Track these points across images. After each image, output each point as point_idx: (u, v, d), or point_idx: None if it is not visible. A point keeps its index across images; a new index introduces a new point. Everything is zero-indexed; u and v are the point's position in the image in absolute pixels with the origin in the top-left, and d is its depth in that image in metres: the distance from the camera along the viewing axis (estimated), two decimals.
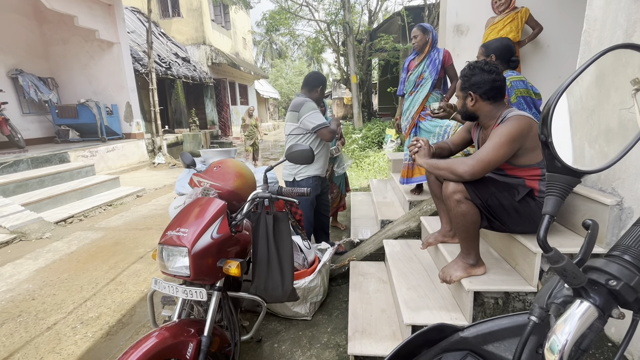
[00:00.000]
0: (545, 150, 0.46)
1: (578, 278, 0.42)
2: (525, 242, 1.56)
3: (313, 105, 2.40)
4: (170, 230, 1.30)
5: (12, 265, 3.23)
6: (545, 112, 0.46)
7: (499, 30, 3.12)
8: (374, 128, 8.66)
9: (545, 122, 0.45)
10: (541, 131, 0.46)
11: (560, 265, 0.42)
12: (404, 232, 2.62)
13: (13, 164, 5.24)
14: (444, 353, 0.61)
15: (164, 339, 1.16)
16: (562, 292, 0.46)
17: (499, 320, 0.58)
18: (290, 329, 2.17)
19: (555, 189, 0.46)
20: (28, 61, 7.55)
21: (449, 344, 0.60)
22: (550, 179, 0.47)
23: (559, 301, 0.45)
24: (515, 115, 1.46)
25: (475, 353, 0.58)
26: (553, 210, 0.45)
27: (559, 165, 0.45)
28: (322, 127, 2.36)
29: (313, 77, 2.58)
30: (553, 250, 0.42)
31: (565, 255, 0.43)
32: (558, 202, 0.45)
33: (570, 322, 0.43)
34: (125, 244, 3.67)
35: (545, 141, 0.45)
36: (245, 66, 16.31)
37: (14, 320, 2.37)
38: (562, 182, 0.45)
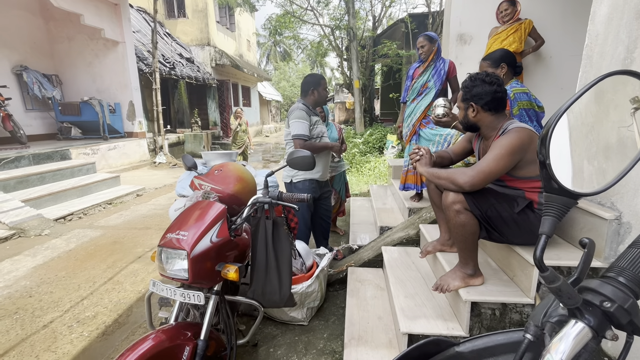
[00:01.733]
0: (542, 171, 0.47)
1: (573, 299, 0.43)
2: (524, 254, 1.57)
3: (299, 114, 2.40)
4: (170, 233, 1.30)
5: (10, 262, 3.23)
6: (544, 132, 0.46)
7: (502, 40, 3.14)
8: (376, 133, 8.68)
9: (544, 143, 0.46)
10: (539, 151, 0.46)
11: (555, 286, 0.42)
12: (402, 239, 2.62)
13: (15, 160, 5.25)
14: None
15: (161, 342, 1.17)
16: (558, 312, 0.47)
17: (494, 336, 0.58)
18: (287, 333, 2.16)
19: (552, 210, 0.46)
20: (33, 58, 7.59)
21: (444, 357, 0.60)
22: (548, 199, 0.47)
23: (554, 320, 0.46)
24: (517, 127, 1.47)
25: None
26: (549, 230, 0.46)
27: (555, 186, 0.46)
28: (297, 138, 2.39)
29: (305, 82, 2.56)
30: (549, 270, 0.43)
31: (560, 275, 0.43)
32: (554, 222, 0.46)
33: (565, 342, 0.43)
34: (124, 243, 3.67)
35: (543, 162, 0.46)
36: (248, 68, 16.38)
37: (11, 317, 2.37)
38: (558, 203, 0.46)
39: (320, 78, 2.56)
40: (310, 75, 2.59)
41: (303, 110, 2.43)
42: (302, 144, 2.38)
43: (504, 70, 2.13)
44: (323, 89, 2.54)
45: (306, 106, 2.52)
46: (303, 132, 2.40)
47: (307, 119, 2.43)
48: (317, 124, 2.54)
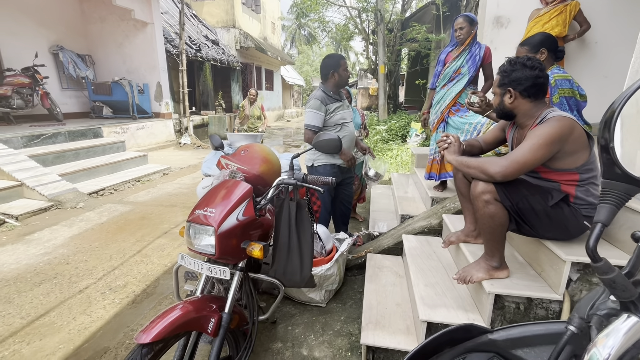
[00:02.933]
0: (604, 155, 0.43)
1: (628, 291, 0.40)
2: (555, 249, 1.50)
3: (313, 104, 2.39)
4: (198, 209, 1.34)
5: (50, 231, 3.46)
6: (608, 115, 0.43)
7: (544, 23, 2.93)
8: (399, 121, 8.47)
9: (608, 126, 0.42)
10: (602, 135, 0.43)
11: (609, 277, 0.40)
12: (424, 228, 2.58)
13: (52, 136, 5.54)
14: (469, 353, 0.60)
15: (188, 312, 1.22)
16: (607, 304, 0.44)
17: (531, 326, 0.57)
18: (305, 313, 2.21)
19: (611, 197, 0.43)
20: (68, 38, 7.86)
21: (475, 344, 0.59)
22: (606, 186, 0.44)
23: (603, 313, 0.44)
24: (557, 115, 1.39)
25: (501, 356, 0.57)
26: (607, 219, 0.43)
27: (618, 172, 0.43)
28: (307, 128, 2.40)
29: (324, 64, 2.46)
30: (603, 260, 0.40)
31: (615, 267, 0.41)
32: (613, 210, 0.43)
33: (614, 336, 0.41)
34: (151, 219, 3.84)
35: (606, 146, 0.42)
36: (272, 51, 16.28)
37: (50, 281, 2.55)
38: (619, 190, 0.43)
39: (339, 58, 2.45)
40: (328, 57, 2.46)
41: (318, 100, 2.39)
42: (311, 135, 2.38)
43: (544, 55, 2.00)
44: (343, 69, 2.43)
45: (325, 93, 2.44)
46: (314, 122, 2.39)
47: (322, 109, 2.40)
48: (336, 111, 2.45)
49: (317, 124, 2.39)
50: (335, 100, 2.48)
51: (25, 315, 2.17)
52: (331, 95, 2.47)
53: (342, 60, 2.45)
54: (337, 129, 2.48)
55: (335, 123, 2.47)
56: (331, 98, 2.46)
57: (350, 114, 2.58)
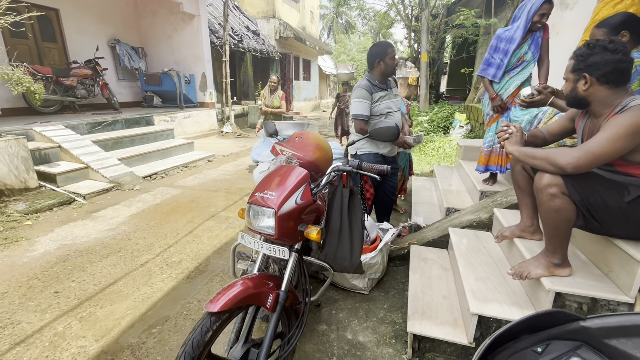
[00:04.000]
0: None
1: None
2: (628, 249, 1.39)
3: (359, 93, 2.39)
4: (258, 192, 1.41)
5: (112, 210, 3.81)
6: None
7: (615, 4, 2.63)
8: (442, 111, 8.15)
9: None
10: None
11: None
12: (472, 222, 2.50)
13: (111, 123, 6.03)
14: (553, 340, 0.59)
15: (248, 288, 1.30)
16: None
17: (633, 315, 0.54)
18: (348, 299, 2.26)
19: None
20: (123, 32, 8.42)
21: (562, 331, 0.58)
22: None
23: None
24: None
25: (591, 346, 0.56)
26: None
27: None
28: (356, 118, 2.40)
29: (370, 53, 2.41)
30: None
31: None
32: None
33: None
34: (199, 202, 4.08)
35: None
36: (310, 41, 16.26)
37: (116, 254, 2.83)
38: None
39: (386, 46, 2.38)
40: (375, 45, 2.42)
41: (364, 89, 2.39)
42: (363, 125, 2.40)
43: (626, 38, 1.80)
44: (390, 58, 2.36)
45: (370, 82, 2.43)
46: (362, 112, 2.39)
47: (368, 98, 2.38)
48: (381, 100, 2.43)
49: (366, 112, 2.40)
50: (380, 89, 2.45)
51: (97, 282, 2.43)
52: (376, 84, 2.45)
53: (389, 48, 2.38)
54: (383, 118, 2.47)
55: (381, 112, 2.46)
56: (376, 87, 2.44)
57: (397, 103, 2.53)
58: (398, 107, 2.56)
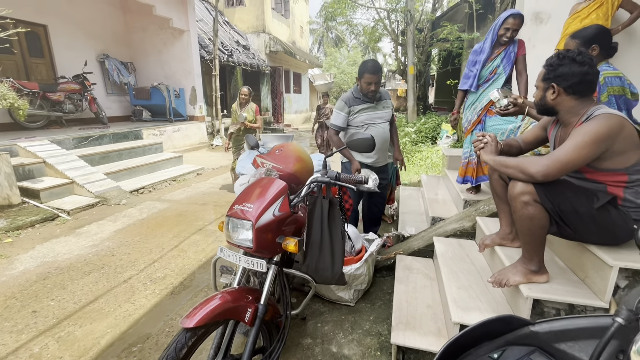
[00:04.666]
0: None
1: None
2: (601, 254, 1.43)
3: (338, 104, 2.56)
4: (237, 205, 1.41)
5: (97, 225, 3.74)
6: None
7: (582, 19, 2.74)
8: (429, 122, 8.29)
9: None
10: None
11: None
12: (456, 231, 2.53)
13: (98, 138, 5.98)
14: (509, 346, 0.60)
15: (227, 301, 1.29)
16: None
17: (576, 319, 0.56)
18: (334, 312, 2.24)
19: None
20: (113, 47, 8.46)
21: (516, 337, 0.59)
22: None
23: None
24: (605, 113, 1.32)
25: (543, 350, 0.57)
26: None
27: None
28: (331, 127, 2.59)
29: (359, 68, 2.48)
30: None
31: None
32: None
33: None
34: (187, 216, 4.04)
35: None
36: (300, 54, 16.53)
37: (98, 271, 2.77)
38: None
39: (363, 70, 2.38)
40: (362, 63, 2.44)
41: (342, 100, 2.54)
42: (331, 134, 2.59)
43: (595, 52, 1.89)
44: (365, 82, 2.39)
45: (353, 94, 2.53)
46: (334, 121, 2.57)
47: (344, 109, 2.52)
48: (361, 112, 2.51)
49: (339, 123, 2.55)
50: (363, 102, 2.52)
51: (77, 300, 2.37)
52: (360, 96, 2.52)
53: (367, 73, 2.37)
54: (364, 129, 2.54)
55: (361, 123, 2.53)
56: (358, 99, 2.52)
57: (384, 115, 2.57)
58: (386, 120, 2.59)
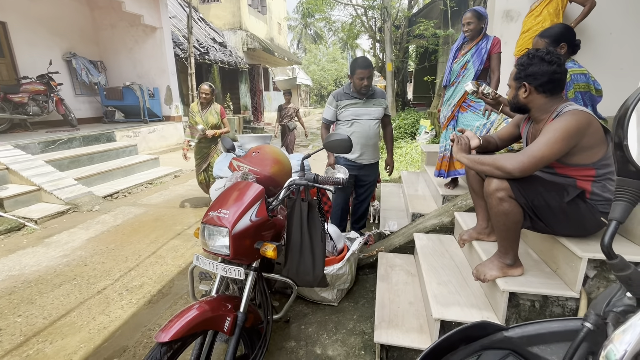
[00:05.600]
0: (617, 153, 0.43)
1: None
2: (570, 246, 1.48)
3: (329, 99, 2.66)
4: (212, 211, 1.37)
5: (67, 234, 3.56)
6: (622, 112, 0.43)
7: (535, 16, 2.81)
8: (408, 118, 8.42)
9: (621, 124, 0.42)
10: (615, 132, 0.43)
11: (625, 274, 0.40)
12: (436, 226, 2.57)
13: (67, 141, 5.69)
14: (484, 350, 0.60)
15: (204, 312, 1.25)
16: (623, 301, 0.45)
17: (548, 323, 0.57)
18: (317, 312, 2.23)
19: (626, 195, 0.43)
20: (80, 45, 8.05)
21: (491, 342, 0.59)
22: (621, 183, 0.44)
23: (619, 310, 0.44)
24: (573, 109, 1.36)
25: (517, 354, 0.58)
26: (621, 216, 0.43)
27: (632, 169, 0.43)
28: (322, 120, 2.71)
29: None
30: (618, 257, 0.41)
31: (630, 263, 0.41)
32: (628, 208, 0.43)
33: (631, 333, 0.41)
34: (165, 221, 3.91)
35: (620, 143, 0.42)
36: (279, 52, 16.34)
37: (70, 282, 2.63)
38: (634, 188, 0.42)
39: (354, 66, 2.44)
40: (352, 60, 2.52)
41: (332, 95, 2.64)
42: (322, 128, 2.74)
43: (564, 50, 1.95)
44: (358, 78, 2.43)
45: (344, 89, 2.60)
46: (325, 115, 2.69)
47: (332, 103, 2.61)
48: (347, 107, 2.57)
49: (328, 117, 2.67)
50: (352, 98, 2.56)
51: (47, 315, 2.24)
52: (350, 92, 2.57)
53: (357, 68, 2.41)
54: (348, 125, 2.60)
55: (346, 119, 2.59)
56: (347, 95, 2.57)
57: (372, 112, 2.58)
58: (373, 117, 2.59)
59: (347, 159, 2.67)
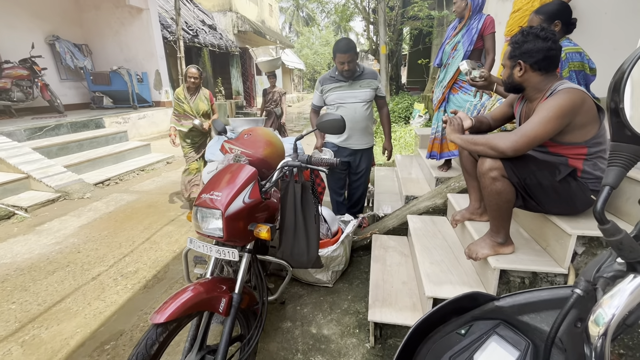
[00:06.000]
0: (613, 119, 0.43)
1: (635, 252, 0.41)
2: (561, 224, 1.51)
3: (316, 84, 2.62)
4: (204, 194, 1.35)
5: (59, 221, 3.52)
6: (618, 76, 0.42)
7: None
8: (402, 102, 8.36)
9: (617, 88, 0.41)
10: (611, 98, 0.42)
11: (616, 239, 0.40)
12: (429, 208, 2.59)
13: (55, 128, 5.55)
14: (475, 321, 0.61)
15: (199, 293, 1.25)
16: (613, 267, 0.45)
17: (537, 292, 0.57)
18: (312, 294, 2.26)
19: (619, 160, 0.43)
20: (63, 27, 7.75)
21: (482, 312, 0.60)
22: (615, 148, 0.44)
23: (609, 275, 0.44)
24: (567, 87, 1.36)
25: (507, 323, 0.59)
26: (614, 181, 0.43)
27: (628, 134, 0.42)
28: (311, 107, 2.68)
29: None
30: (610, 222, 0.41)
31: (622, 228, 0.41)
32: (621, 173, 0.42)
33: (619, 297, 0.42)
34: (158, 207, 3.89)
35: (616, 108, 0.42)
36: (271, 34, 15.94)
37: (64, 269, 2.62)
38: (628, 153, 0.42)
39: (335, 50, 2.36)
40: (335, 43, 2.39)
41: (318, 80, 2.60)
42: (311, 114, 2.71)
43: (558, 27, 1.93)
44: (339, 62, 2.36)
45: (329, 73, 2.54)
46: (313, 101, 2.66)
47: (319, 88, 2.58)
48: (332, 91, 2.51)
49: (315, 102, 2.65)
50: (337, 81, 2.49)
51: (42, 302, 2.24)
52: (335, 75, 2.50)
53: (337, 53, 2.33)
54: (334, 109, 2.55)
55: (331, 103, 2.55)
56: (333, 78, 2.51)
57: (357, 95, 2.51)
58: (361, 100, 2.52)
59: (335, 144, 2.64)
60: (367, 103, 2.55)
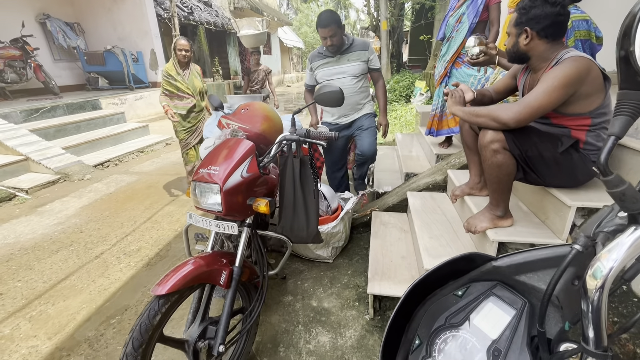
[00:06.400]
0: (622, 65, 0.40)
1: (638, 202, 0.39)
2: (560, 196, 1.50)
3: (307, 62, 2.56)
4: (202, 169, 1.34)
5: (60, 202, 3.54)
6: (628, 21, 0.39)
7: None
8: (403, 80, 8.19)
9: (628, 33, 0.39)
10: (621, 45, 0.40)
11: (620, 190, 0.39)
12: (429, 184, 2.58)
13: (51, 110, 5.49)
14: (472, 283, 0.61)
15: (200, 266, 1.26)
16: (614, 222, 0.44)
17: (536, 251, 0.57)
18: (313, 269, 2.30)
19: (627, 108, 0.41)
20: (54, 5, 7.50)
21: (479, 273, 0.60)
22: (623, 97, 0.42)
23: (610, 230, 0.43)
24: (574, 56, 1.31)
25: (505, 283, 0.59)
26: (620, 131, 0.41)
27: (638, 80, 0.40)
28: (305, 87, 2.65)
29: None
30: (614, 174, 0.39)
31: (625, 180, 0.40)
32: (628, 122, 0.41)
33: (618, 250, 0.41)
34: (158, 188, 3.89)
35: (626, 54, 0.39)
36: (268, 11, 15.43)
37: (67, 248, 2.65)
38: (637, 100, 0.40)
39: (316, 25, 2.27)
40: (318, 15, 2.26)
41: (308, 58, 2.56)
42: (305, 92, 2.67)
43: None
44: (322, 37, 2.28)
45: (318, 50, 2.49)
46: (306, 81, 2.63)
47: (309, 67, 2.53)
48: (320, 68, 2.46)
49: (308, 81, 2.61)
50: (323, 57, 2.45)
51: (47, 279, 2.28)
52: (322, 51, 2.45)
53: (318, 28, 2.25)
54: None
55: (320, 80, 2.48)
56: (320, 55, 2.47)
57: (346, 70, 2.42)
58: (349, 75, 2.42)
59: (330, 123, 2.61)
60: (356, 77, 2.43)
